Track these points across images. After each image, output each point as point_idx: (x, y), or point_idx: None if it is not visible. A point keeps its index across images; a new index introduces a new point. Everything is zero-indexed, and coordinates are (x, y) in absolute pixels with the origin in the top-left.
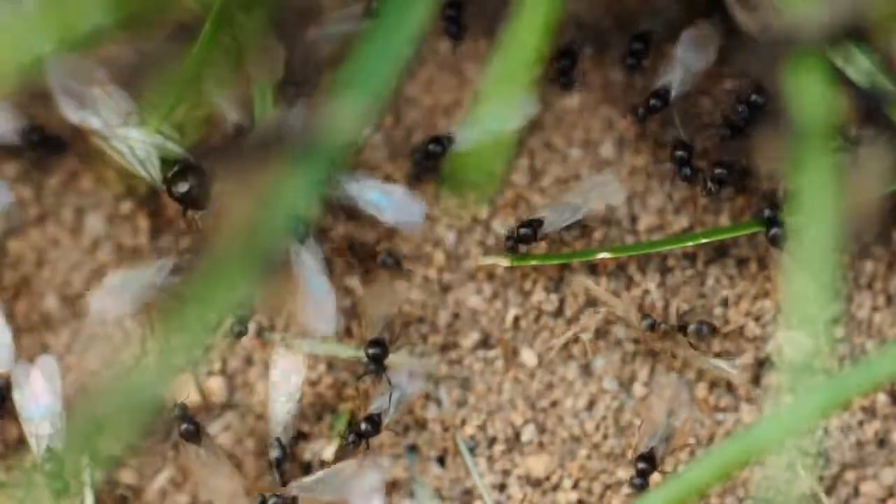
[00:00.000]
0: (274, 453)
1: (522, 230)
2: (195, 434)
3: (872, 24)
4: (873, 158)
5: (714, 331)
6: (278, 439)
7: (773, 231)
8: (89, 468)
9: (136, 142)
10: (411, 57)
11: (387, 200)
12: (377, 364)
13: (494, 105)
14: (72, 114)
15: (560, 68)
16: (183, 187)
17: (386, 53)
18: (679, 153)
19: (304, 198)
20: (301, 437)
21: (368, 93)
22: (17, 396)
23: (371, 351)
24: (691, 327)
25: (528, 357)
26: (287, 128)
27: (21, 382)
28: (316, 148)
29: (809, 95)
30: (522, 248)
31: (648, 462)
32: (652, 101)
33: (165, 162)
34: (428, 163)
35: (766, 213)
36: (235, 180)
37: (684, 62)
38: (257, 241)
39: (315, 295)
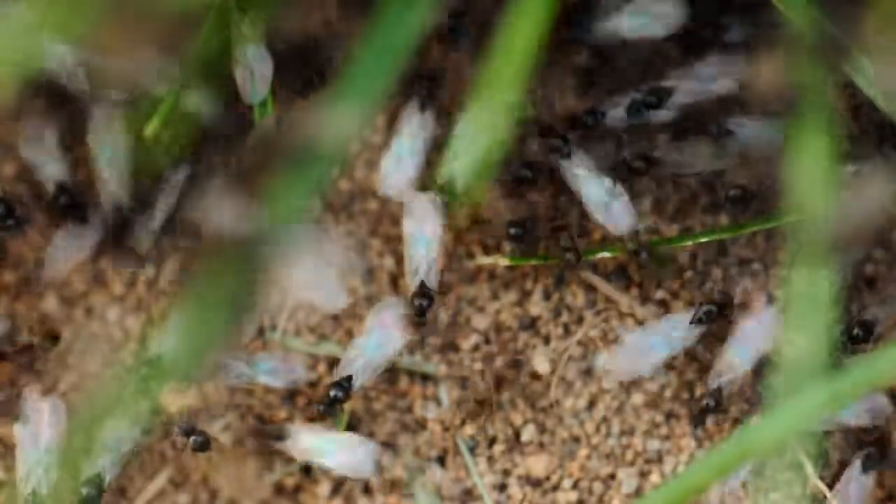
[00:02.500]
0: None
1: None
2: (205, 444)
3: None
4: (878, 165)
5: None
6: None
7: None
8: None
9: None
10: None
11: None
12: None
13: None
14: None
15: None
16: None
17: (384, 57)
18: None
19: (303, 201)
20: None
21: (367, 97)
22: (20, 430)
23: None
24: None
25: (528, 357)
26: (285, 132)
27: (28, 416)
28: (313, 152)
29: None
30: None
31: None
32: (647, 98)
33: None
34: None
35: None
36: (234, 184)
37: (699, 75)
38: (257, 244)
39: (321, 276)
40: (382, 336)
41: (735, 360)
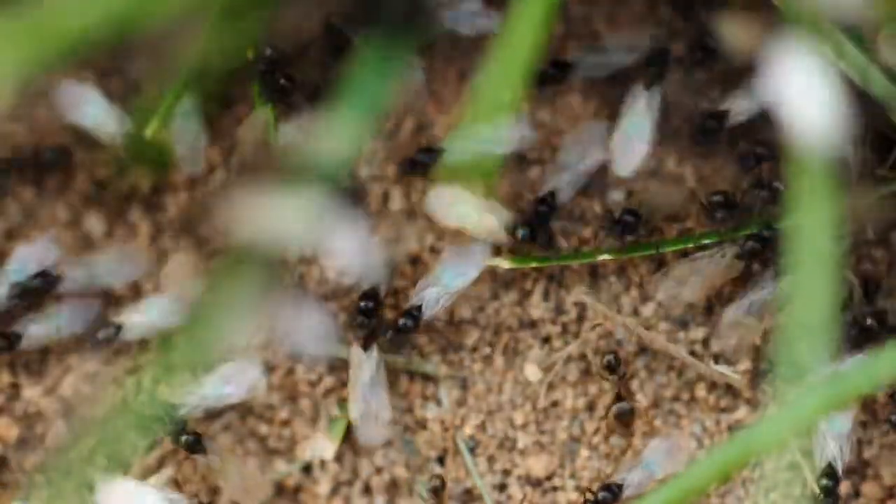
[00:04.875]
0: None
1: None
2: (197, 444)
3: (868, 22)
4: (868, 159)
5: (632, 412)
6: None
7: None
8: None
9: None
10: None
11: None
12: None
13: (484, 125)
14: None
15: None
16: None
17: (384, 69)
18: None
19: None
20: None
21: (366, 109)
22: None
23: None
24: (614, 408)
25: (529, 357)
26: (285, 144)
27: None
28: (313, 165)
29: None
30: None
31: None
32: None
33: None
34: (416, 171)
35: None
36: (234, 196)
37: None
38: (257, 257)
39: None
40: (458, 267)
41: None
